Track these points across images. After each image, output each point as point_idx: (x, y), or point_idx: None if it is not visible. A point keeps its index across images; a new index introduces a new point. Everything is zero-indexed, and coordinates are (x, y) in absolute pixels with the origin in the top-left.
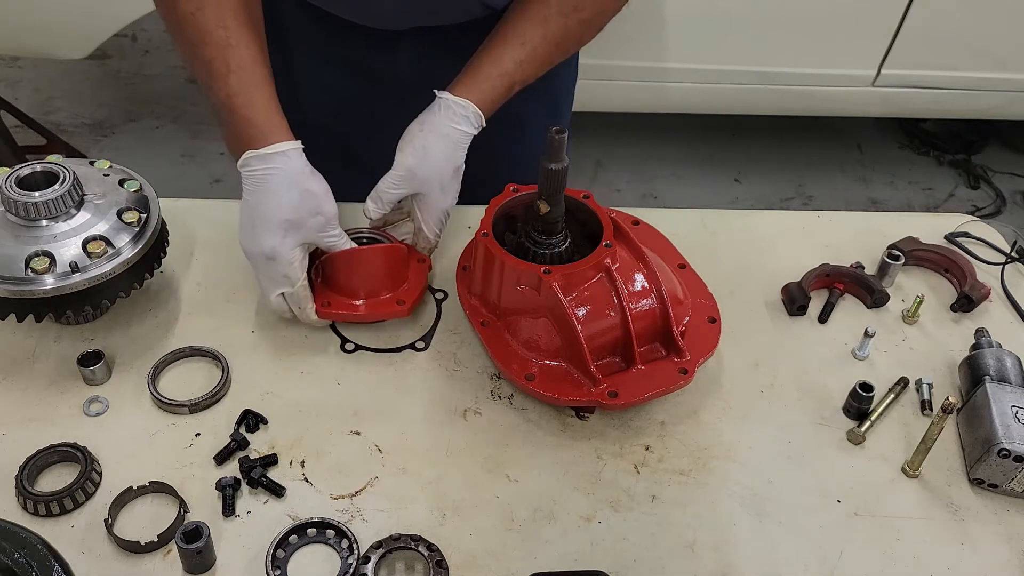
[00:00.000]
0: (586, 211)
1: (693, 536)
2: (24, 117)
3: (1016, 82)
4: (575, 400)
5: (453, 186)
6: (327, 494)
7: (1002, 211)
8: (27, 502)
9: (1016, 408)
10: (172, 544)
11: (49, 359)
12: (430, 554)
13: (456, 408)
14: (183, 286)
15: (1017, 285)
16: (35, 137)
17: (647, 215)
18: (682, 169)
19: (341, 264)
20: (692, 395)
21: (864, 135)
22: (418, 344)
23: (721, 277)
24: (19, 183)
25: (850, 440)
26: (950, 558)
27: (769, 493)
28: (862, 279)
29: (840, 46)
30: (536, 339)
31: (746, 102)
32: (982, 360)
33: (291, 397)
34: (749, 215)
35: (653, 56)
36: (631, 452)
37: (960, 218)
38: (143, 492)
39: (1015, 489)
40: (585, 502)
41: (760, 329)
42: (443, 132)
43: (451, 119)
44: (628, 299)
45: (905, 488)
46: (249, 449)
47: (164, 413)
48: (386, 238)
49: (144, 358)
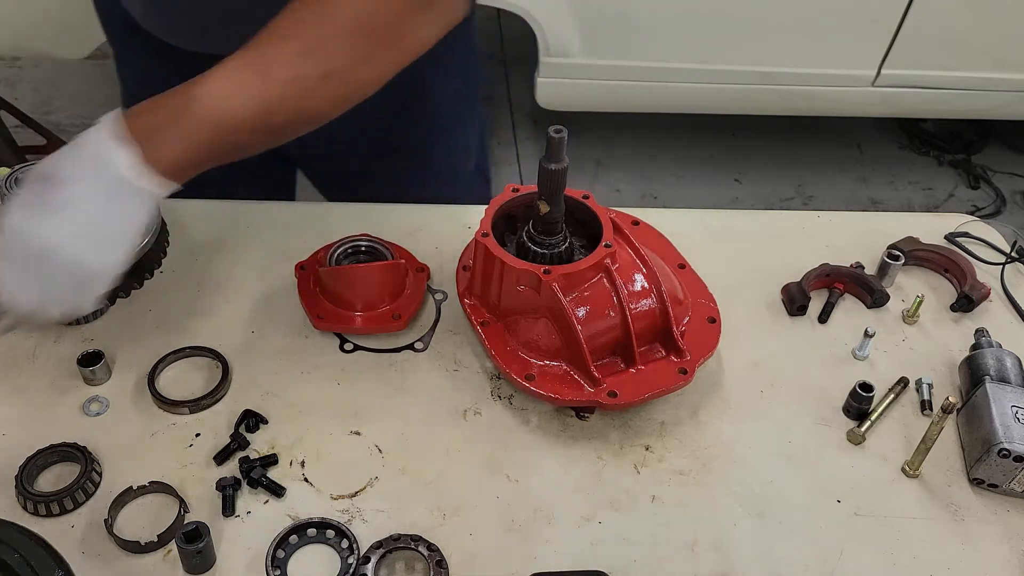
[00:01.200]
0: (586, 211)
1: (693, 536)
2: (24, 117)
3: (1016, 82)
4: (575, 400)
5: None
6: (327, 494)
7: (1002, 211)
8: (27, 502)
9: (1016, 408)
10: (172, 544)
11: (49, 359)
12: (430, 554)
13: (456, 408)
14: (183, 286)
15: (1017, 285)
16: (35, 137)
17: (647, 215)
18: (682, 169)
19: (339, 279)
20: (692, 395)
21: (864, 135)
22: (417, 345)
23: (721, 277)
24: (19, 183)
25: (850, 440)
26: (950, 558)
27: (769, 493)
28: (862, 279)
29: (840, 46)
30: (536, 339)
31: (746, 102)
32: (982, 360)
33: (291, 397)
34: (749, 215)
35: (653, 56)
36: (631, 452)
37: (960, 218)
38: (143, 492)
39: (1015, 489)
40: (585, 502)
41: (760, 329)
42: None
43: None
44: (628, 299)
45: (905, 488)
46: (249, 449)
47: (164, 413)
48: (384, 248)
49: (144, 358)
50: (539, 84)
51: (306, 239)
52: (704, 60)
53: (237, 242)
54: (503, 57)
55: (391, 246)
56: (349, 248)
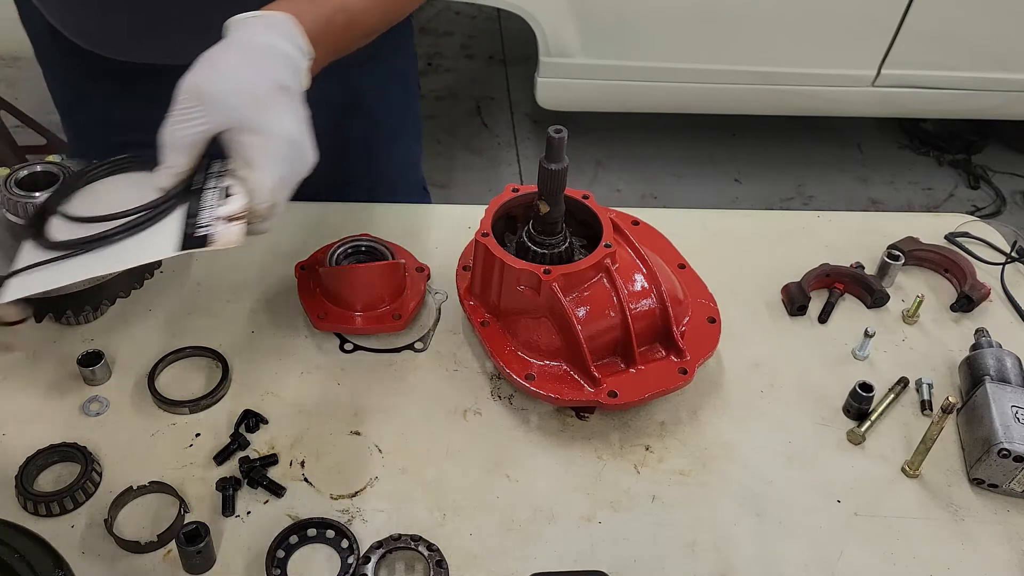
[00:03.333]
0: (586, 211)
1: (693, 536)
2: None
3: (1016, 82)
4: (575, 400)
5: (283, 115)
6: (327, 494)
7: (1002, 211)
8: (27, 502)
9: (1016, 408)
10: (172, 544)
11: (49, 359)
12: (430, 554)
13: (456, 408)
14: (183, 286)
15: (1017, 285)
16: (35, 137)
17: (647, 215)
18: (682, 169)
19: (339, 279)
20: (692, 395)
21: (864, 135)
22: (417, 345)
23: (721, 277)
24: (19, 183)
25: (850, 440)
26: (950, 558)
27: (769, 493)
28: (862, 279)
29: (840, 46)
30: (536, 339)
31: (746, 102)
32: (982, 360)
33: (291, 397)
34: (749, 215)
35: (653, 56)
36: (631, 452)
37: (960, 218)
38: (143, 492)
39: (1015, 489)
40: (585, 502)
41: (760, 329)
42: (243, 41)
43: (254, 30)
44: (628, 299)
45: (905, 488)
46: (249, 449)
47: (164, 413)
48: (384, 247)
49: (144, 358)
50: (539, 84)
51: (306, 239)
52: (704, 60)
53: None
54: (503, 57)
55: (391, 246)
56: (349, 248)
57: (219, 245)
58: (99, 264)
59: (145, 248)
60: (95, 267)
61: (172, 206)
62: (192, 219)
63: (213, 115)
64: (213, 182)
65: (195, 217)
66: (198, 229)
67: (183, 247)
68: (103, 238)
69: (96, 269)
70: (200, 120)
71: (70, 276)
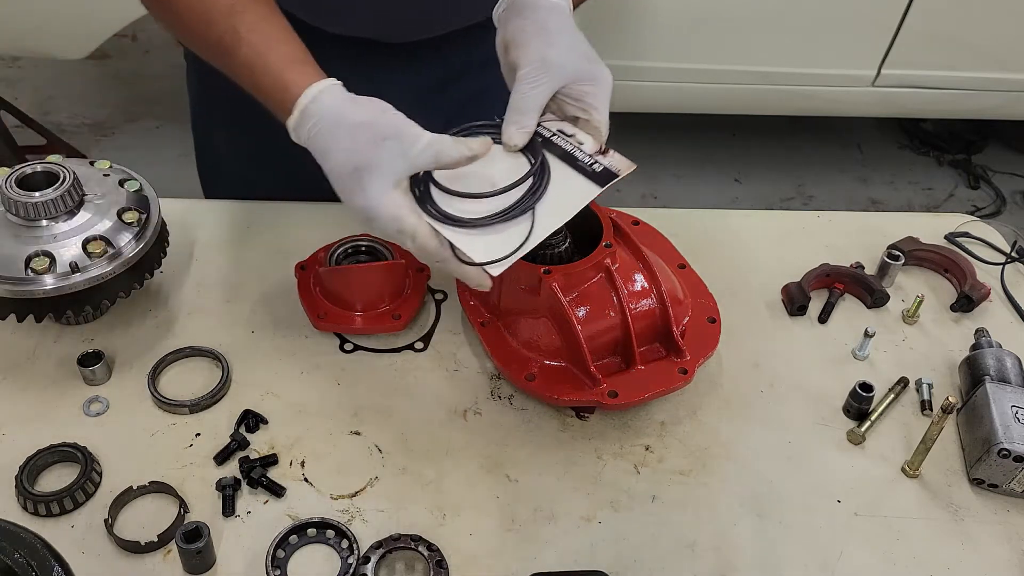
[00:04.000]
0: (586, 211)
1: (693, 536)
2: (24, 117)
3: (1016, 82)
4: (575, 400)
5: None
6: (327, 494)
7: (1002, 211)
8: (27, 502)
9: (1016, 408)
10: (172, 544)
11: (49, 359)
12: (430, 554)
13: (456, 408)
14: (183, 286)
15: (1017, 285)
16: (35, 137)
17: (647, 215)
18: (682, 169)
19: (339, 279)
20: (692, 395)
21: (864, 135)
22: (417, 345)
23: (721, 277)
24: (19, 183)
25: (850, 440)
26: (950, 558)
27: (769, 493)
28: (862, 279)
29: (840, 46)
30: (536, 339)
31: (746, 102)
32: (982, 360)
33: (291, 397)
34: (749, 215)
35: (653, 56)
36: (631, 452)
37: (960, 218)
38: (143, 492)
39: (1015, 489)
40: (585, 502)
41: (760, 329)
42: (548, 5)
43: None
44: (628, 299)
45: (905, 488)
46: (249, 449)
47: (164, 413)
48: (384, 247)
49: (144, 358)
50: None
51: (306, 239)
52: (704, 60)
53: (237, 242)
54: None
55: (391, 246)
56: (349, 248)
57: (624, 171)
58: (553, 219)
59: (572, 196)
60: (551, 223)
61: (547, 165)
62: (578, 164)
63: (555, 75)
64: (559, 140)
65: (577, 163)
66: (594, 166)
67: (602, 183)
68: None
69: (551, 225)
70: (546, 82)
71: (537, 237)
